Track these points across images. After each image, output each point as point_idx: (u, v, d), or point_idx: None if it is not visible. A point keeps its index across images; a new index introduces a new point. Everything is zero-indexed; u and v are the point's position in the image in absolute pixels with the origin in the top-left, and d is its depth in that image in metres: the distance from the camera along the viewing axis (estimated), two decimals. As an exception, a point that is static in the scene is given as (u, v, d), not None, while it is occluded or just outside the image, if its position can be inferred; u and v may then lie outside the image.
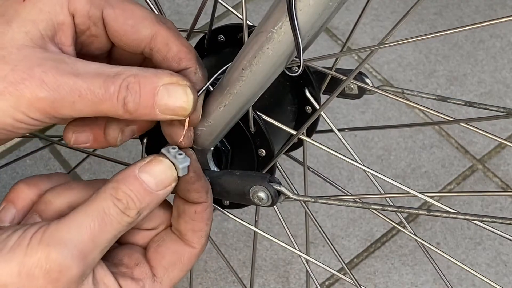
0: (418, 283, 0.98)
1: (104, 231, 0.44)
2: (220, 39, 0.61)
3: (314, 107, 0.61)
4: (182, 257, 0.49)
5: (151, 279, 0.48)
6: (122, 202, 0.45)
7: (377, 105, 1.13)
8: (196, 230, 0.49)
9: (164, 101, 0.44)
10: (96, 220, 0.44)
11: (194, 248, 0.49)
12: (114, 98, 0.43)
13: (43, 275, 0.42)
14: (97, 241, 0.44)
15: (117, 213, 0.44)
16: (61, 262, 0.42)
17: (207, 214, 0.49)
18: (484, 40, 1.22)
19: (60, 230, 0.43)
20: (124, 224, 0.45)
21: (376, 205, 0.51)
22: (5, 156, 1.08)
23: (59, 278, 0.42)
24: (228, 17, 1.19)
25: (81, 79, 0.43)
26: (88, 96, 0.43)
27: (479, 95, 1.15)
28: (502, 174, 1.08)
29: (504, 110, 0.63)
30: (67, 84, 0.43)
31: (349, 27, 1.22)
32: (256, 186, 0.52)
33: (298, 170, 1.05)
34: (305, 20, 0.43)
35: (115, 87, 0.43)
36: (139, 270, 0.48)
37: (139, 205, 0.45)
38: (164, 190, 0.46)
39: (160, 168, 0.46)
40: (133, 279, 0.47)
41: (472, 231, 1.02)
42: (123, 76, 0.43)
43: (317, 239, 1.01)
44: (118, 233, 0.45)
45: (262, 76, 0.48)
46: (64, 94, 0.43)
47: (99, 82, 0.43)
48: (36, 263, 0.42)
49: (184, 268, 0.49)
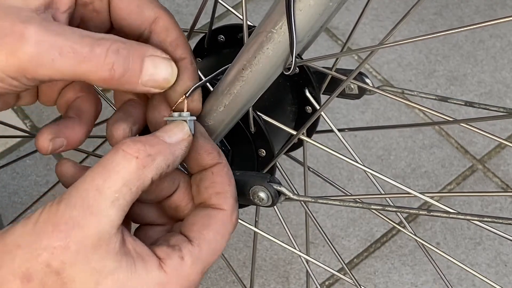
0: (418, 283, 0.98)
1: (108, 177, 0.41)
2: (220, 39, 0.61)
3: (314, 107, 0.61)
4: (213, 219, 0.46)
5: (188, 243, 0.45)
6: (129, 144, 0.42)
7: (377, 105, 1.13)
8: (220, 191, 0.47)
9: (150, 71, 0.44)
10: (100, 170, 0.42)
11: (223, 209, 0.47)
12: (100, 59, 0.43)
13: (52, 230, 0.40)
14: (101, 189, 0.41)
15: (122, 156, 0.42)
16: (67, 213, 0.40)
17: (225, 174, 0.48)
18: (484, 40, 1.22)
19: (70, 188, 0.42)
20: (132, 168, 0.42)
21: (376, 205, 0.51)
22: (5, 156, 1.08)
23: (68, 232, 0.40)
24: (228, 17, 1.20)
25: (64, 37, 0.42)
26: (70, 54, 0.42)
27: (479, 95, 1.15)
28: (502, 174, 1.08)
29: (504, 110, 0.63)
30: (47, 41, 0.42)
31: (349, 27, 1.22)
32: (256, 186, 0.52)
33: (298, 170, 1.05)
34: (306, 20, 0.43)
35: (102, 49, 0.43)
36: (174, 239, 0.46)
37: (150, 148, 0.43)
38: (179, 142, 0.45)
39: (171, 125, 0.46)
40: (169, 246, 0.45)
41: (472, 231, 1.03)
42: (111, 40, 0.43)
43: (317, 239, 1.01)
44: (128, 181, 0.42)
45: (262, 76, 0.48)
46: (43, 50, 0.41)
47: (84, 42, 0.42)
48: (47, 219, 0.41)
49: (220, 231, 0.46)
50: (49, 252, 0.40)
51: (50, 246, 0.40)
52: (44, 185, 1.05)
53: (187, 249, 0.45)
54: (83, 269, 0.41)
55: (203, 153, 0.47)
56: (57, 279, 0.40)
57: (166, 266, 0.43)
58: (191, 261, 0.44)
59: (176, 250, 0.44)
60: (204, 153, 0.47)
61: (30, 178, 1.06)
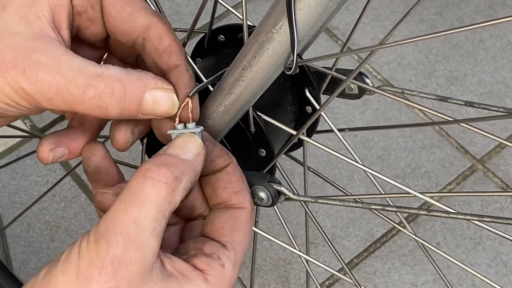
0: (418, 283, 0.98)
1: (142, 209, 0.41)
2: (220, 39, 0.61)
3: (314, 107, 0.61)
4: (239, 219, 0.47)
5: (224, 249, 0.46)
6: (154, 170, 0.42)
7: (377, 105, 1.13)
8: (238, 190, 0.48)
9: (148, 107, 0.45)
10: (130, 201, 0.42)
11: (245, 207, 0.48)
12: (93, 102, 0.43)
13: (99, 273, 0.40)
14: (139, 222, 0.41)
15: (151, 184, 0.42)
16: (111, 254, 0.40)
17: (239, 172, 0.49)
18: (484, 40, 1.22)
19: (101, 225, 0.41)
20: (163, 195, 0.42)
21: (376, 205, 0.51)
22: (5, 156, 1.08)
23: (116, 272, 0.40)
24: (228, 17, 1.20)
25: (60, 75, 0.42)
26: (64, 94, 0.43)
27: (479, 95, 1.15)
28: (502, 174, 1.08)
29: (504, 110, 0.63)
30: (46, 80, 0.42)
31: (349, 27, 1.22)
32: (256, 186, 0.52)
33: (298, 170, 1.05)
34: (306, 20, 0.43)
35: (96, 92, 0.43)
36: (208, 246, 0.46)
37: (174, 170, 0.43)
38: (196, 157, 0.45)
39: (181, 140, 0.46)
40: (206, 255, 0.45)
41: (472, 231, 1.03)
42: (107, 80, 0.43)
43: (317, 239, 1.01)
44: (162, 208, 0.42)
45: (262, 76, 0.48)
46: (42, 89, 0.42)
47: (78, 82, 0.43)
48: (90, 263, 0.40)
49: (246, 230, 0.47)
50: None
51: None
52: (44, 185, 1.05)
53: (225, 255, 0.46)
54: None
55: (216, 158, 0.48)
56: None
57: (210, 277, 0.44)
58: (231, 266, 0.46)
59: (216, 258, 0.45)
60: (216, 158, 0.48)
61: (30, 178, 1.06)
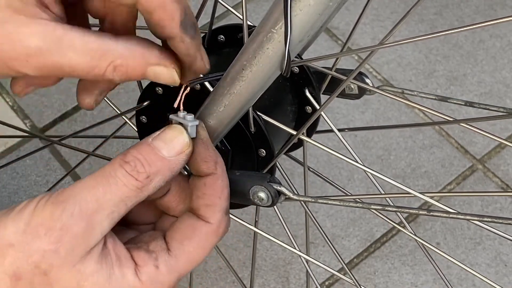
0: (418, 283, 0.98)
1: (108, 191, 0.43)
2: (220, 39, 0.61)
3: (314, 107, 0.61)
4: (197, 232, 0.47)
5: (165, 252, 0.46)
6: (130, 164, 0.44)
7: (377, 105, 1.13)
8: (209, 204, 0.47)
9: (150, 78, 0.45)
10: (100, 181, 0.43)
11: (210, 223, 0.47)
12: (99, 74, 0.44)
13: (45, 233, 0.42)
14: (101, 202, 0.43)
15: (123, 175, 0.44)
16: (63, 220, 0.42)
17: (218, 187, 0.48)
18: (484, 40, 1.22)
19: (65, 191, 0.43)
20: (131, 187, 0.44)
21: (376, 205, 0.51)
22: (5, 156, 1.08)
23: (61, 237, 0.42)
24: (228, 17, 1.20)
25: (64, 59, 0.42)
26: (69, 74, 0.43)
27: (479, 95, 1.15)
28: (502, 174, 1.08)
29: (504, 110, 0.63)
30: (50, 65, 0.42)
31: (349, 27, 1.22)
32: (256, 186, 0.52)
33: (298, 170, 1.05)
34: (305, 20, 0.43)
35: (100, 70, 0.43)
36: (154, 244, 0.47)
37: (149, 169, 0.44)
38: (177, 157, 0.45)
39: (171, 134, 0.46)
40: (147, 251, 0.46)
41: (472, 231, 1.03)
42: (110, 58, 0.43)
43: (317, 239, 1.01)
44: (126, 198, 0.44)
45: (262, 76, 0.48)
46: (46, 72, 0.43)
47: (83, 63, 0.43)
48: (41, 221, 0.42)
49: (201, 244, 0.47)
50: (40, 254, 0.42)
51: (41, 249, 0.42)
52: (44, 185, 1.05)
53: (163, 258, 0.46)
54: (68, 270, 0.42)
55: (200, 160, 0.48)
56: (44, 279, 0.42)
57: (141, 273, 0.45)
58: (166, 271, 0.46)
59: (152, 258, 0.46)
60: (201, 161, 0.48)
61: (30, 178, 1.06)
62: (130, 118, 0.67)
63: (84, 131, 0.71)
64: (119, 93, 1.12)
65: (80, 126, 1.08)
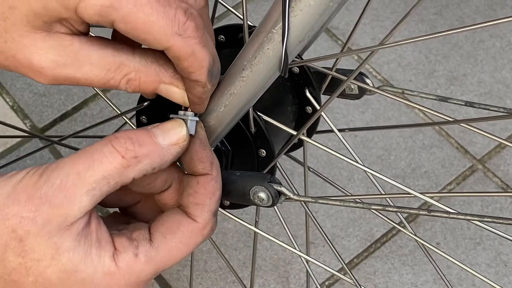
0: (418, 283, 0.98)
1: (91, 167, 0.43)
2: (220, 39, 0.61)
3: (314, 107, 0.61)
4: (182, 228, 0.47)
5: (147, 242, 0.46)
6: (119, 141, 0.44)
7: (377, 105, 1.13)
8: (199, 203, 0.47)
9: (161, 94, 0.47)
10: (85, 156, 0.43)
11: (196, 222, 0.47)
12: (114, 85, 0.45)
13: (25, 200, 0.42)
14: (82, 177, 0.43)
15: (109, 151, 0.44)
16: (43, 190, 0.42)
17: (210, 187, 0.48)
18: (484, 40, 1.22)
19: (54, 164, 0.44)
20: (115, 165, 0.43)
21: (376, 205, 0.51)
22: (5, 156, 1.08)
23: (39, 206, 0.42)
24: (228, 17, 1.19)
25: (80, 72, 0.44)
26: (85, 84, 0.44)
27: (479, 95, 1.15)
28: (502, 174, 1.08)
29: (504, 110, 0.63)
30: (67, 77, 0.44)
31: (349, 27, 1.22)
32: (257, 187, 0.52)
33: (298, 170, 1.05)
34: (306, 20, 0.43)
35: (114, 82, 0.44)
36: (138, 233, 0.47)
37: (138, 149, 0.44)
38: (170, 147, 0.46)
39: (171, 124, 0.46)
40: (129, 239, 0.46)
41: (472, 231, 1.03)
42: (125, 71, 0.44)
43: (317, 239, 1.01)
44: (109, 176, 0.43)
45: (262, 76, 0.48)
46: (63, 82, 0.44)
47: (99, 76, 0.44)
48: (24, 189, 0.43)
49: (185, 240, 0.47)
50: (17, 219, 0.43)
51: (19, 215, 0.43)
52: (44, 185, 1.05)
53: (144, 248, 0.46)
54: (44, 241, 0.43)
55: (196, 160, 0.48)
56: (19, 245, 0.43)
57: (118, 259, 0.45)
58: (145, 260, 0.46)
59: (133, 246, 0.46)
60: (197, 160, 0.48)
61: (30, 178, 1.06)
62: (130, 118, 0.67)
63: (84, 131, 0.71)
64: (119, 93, 1.12)
65: (80, 126, 1.08)
